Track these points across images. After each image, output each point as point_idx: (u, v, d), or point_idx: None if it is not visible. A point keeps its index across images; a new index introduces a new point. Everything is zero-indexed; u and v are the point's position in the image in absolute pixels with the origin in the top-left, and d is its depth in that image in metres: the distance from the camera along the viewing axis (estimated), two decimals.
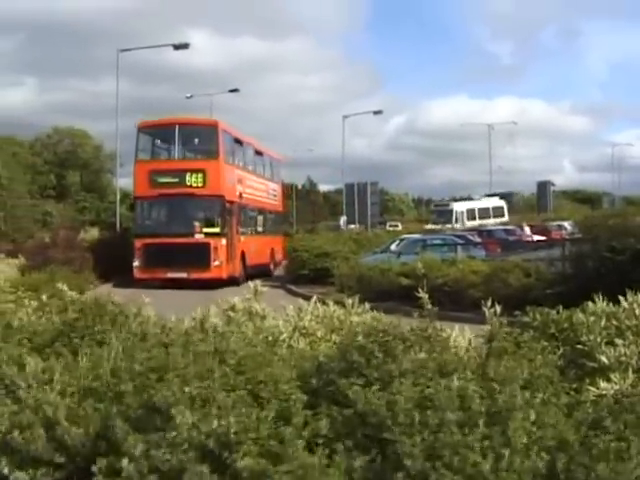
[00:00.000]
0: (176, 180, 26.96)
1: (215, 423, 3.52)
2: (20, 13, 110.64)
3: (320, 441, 3.55)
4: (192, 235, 26.58)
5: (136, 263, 26.29)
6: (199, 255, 26.03)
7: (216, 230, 26.75)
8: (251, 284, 5.91)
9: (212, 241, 26.50)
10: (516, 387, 3.53)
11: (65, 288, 6.65)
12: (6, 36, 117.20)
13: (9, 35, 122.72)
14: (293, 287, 24.77)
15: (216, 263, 26.26)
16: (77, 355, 4.86)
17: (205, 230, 26.78)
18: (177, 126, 28.32)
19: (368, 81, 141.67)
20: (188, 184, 26.89)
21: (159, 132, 29.57)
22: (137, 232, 27.47)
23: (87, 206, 57.61)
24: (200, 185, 26.97)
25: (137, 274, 26.16)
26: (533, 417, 3.41)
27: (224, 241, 26.88)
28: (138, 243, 26.53)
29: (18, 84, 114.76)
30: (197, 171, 27.24)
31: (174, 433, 3.59)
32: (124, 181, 49.69)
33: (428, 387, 3.55)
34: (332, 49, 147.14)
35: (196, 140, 29.72)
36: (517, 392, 3.47)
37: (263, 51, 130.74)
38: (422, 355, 3.91)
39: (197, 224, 26.91)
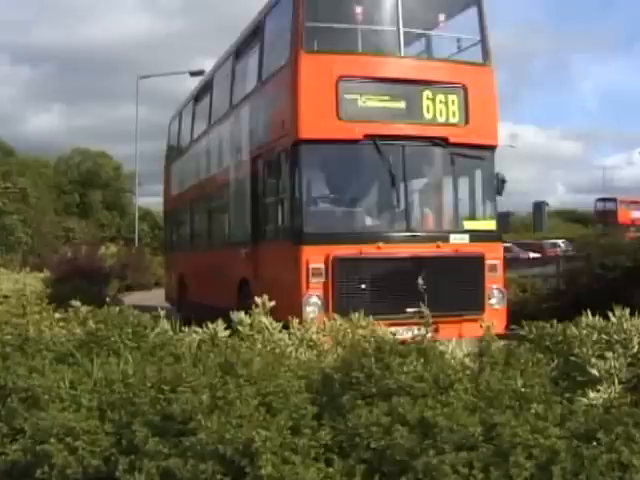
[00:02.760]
0: (400, 106, 10.74)
1: (235, 432, 3.50)
2: (49, 45, 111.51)
3: (321, 451, 3.53)
4: (445, 239, 10.71)
5: (310, 306, 9.71)
6: (461, 283, 10.38)
7: (490, 225, 11.23)
8: (258, 300, 5.83)
9: (486, 251, 10.82)
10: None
11: (79, 304, 6.63)
12: (36, 66, 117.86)
13: (39, 65, 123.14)
14: None
15: (493, 301, 10.65)
16: (96, 364, 4.86)
17: (469, 225, 11.13)
18: None
19: None
20: (428, 117, 10.74)
21: None
22: (307, 230, 10.23)
23: (106, 223, 57.82)
24: (456, 121, 10.84)
25: None
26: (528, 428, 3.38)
27: (501, 250, 11.46)
28: (312, 255, 9.97)
29: (46, 110, 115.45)
30: (448, 88, 10.91)
31: (192, 440, 3.58)
32: (143, 200, 49.74)
33: (426, 405, 3.53)
34: None
35: (440, 16, 11.78)
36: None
37: None
38: (418, 367, 3.87)
39: (442, 213, 11.74)
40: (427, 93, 10.72)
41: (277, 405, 3.75)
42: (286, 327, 5.71)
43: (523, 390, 3.76)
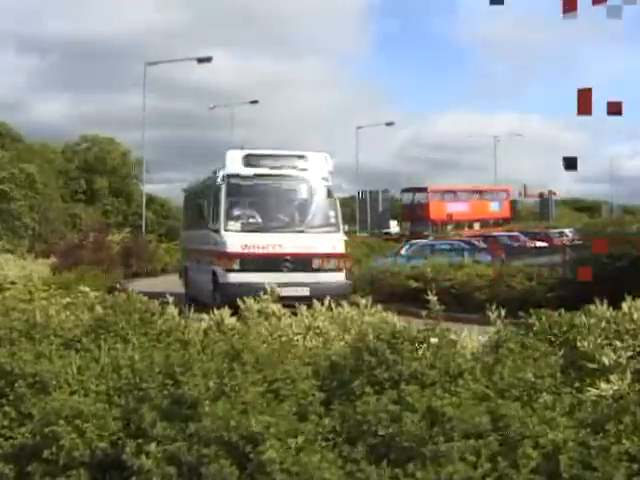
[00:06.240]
0: None
1: (239, 419, 3.50)
2: (56, 33, 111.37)
3: (327, 437, 3.52)
4: None
5: None
6: None
7: None
8: (268, 286, 5.83)
9: None
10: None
11: (87, 290, 6.60)
12: (44, 54, 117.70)
13: (47, 53, 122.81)
14: None
15: None
16: (103, 350, 4.85)
17: None
18: None
19: (377, 97, 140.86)
20: None
21: None
22: None
23: (111, 209, 57.71)
24: None
25: None
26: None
27: None
28: None
29: (54, 98, 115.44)
30: None
31: (198, 426, 3.59)
32: (150, 187, 49.68)
33: (434, 394, 3.52)
34: (343, 67, 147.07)
35: None
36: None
37: (280, 69, 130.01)
38: (428, 354, 3.86)
39: None
40: None
41: (284, 392, 3.75)
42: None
43: (534, 381, 3.74)
